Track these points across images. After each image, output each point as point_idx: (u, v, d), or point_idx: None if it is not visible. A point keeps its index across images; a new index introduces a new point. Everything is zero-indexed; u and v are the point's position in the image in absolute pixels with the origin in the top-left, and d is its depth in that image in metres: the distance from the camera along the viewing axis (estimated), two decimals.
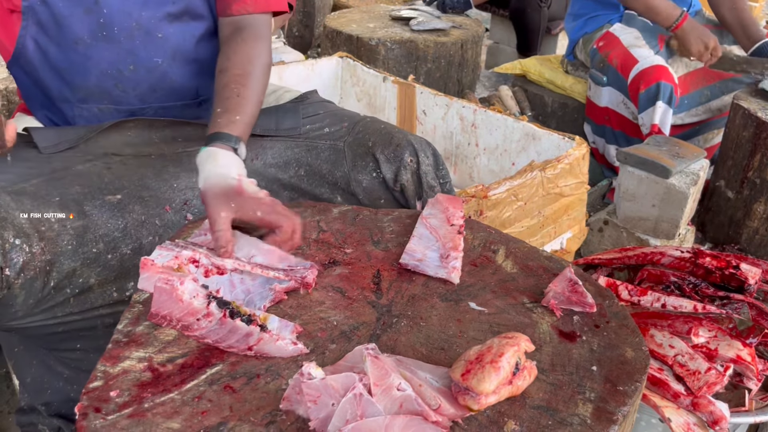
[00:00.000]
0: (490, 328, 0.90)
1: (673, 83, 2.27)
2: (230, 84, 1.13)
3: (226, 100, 1.11)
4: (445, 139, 2.17)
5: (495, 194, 1.52)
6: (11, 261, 0.95)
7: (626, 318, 0.94)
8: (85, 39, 1.15)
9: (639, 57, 2.34)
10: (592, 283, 1.01)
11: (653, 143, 1.95)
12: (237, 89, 1.12)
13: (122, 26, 1.16)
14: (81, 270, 1.03)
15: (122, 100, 1.21)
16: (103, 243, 1.04)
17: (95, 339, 1.10)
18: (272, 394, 0.77)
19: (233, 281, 0.92)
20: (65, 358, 1.15)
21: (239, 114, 1.09)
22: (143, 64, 1.20)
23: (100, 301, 1.06)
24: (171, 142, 1.23)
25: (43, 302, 1.00)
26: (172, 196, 1.13)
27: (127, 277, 1.08)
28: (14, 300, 0.97)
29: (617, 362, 0.85)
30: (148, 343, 0.82)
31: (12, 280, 0.95)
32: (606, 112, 2.54)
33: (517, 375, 0.77)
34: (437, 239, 1.05)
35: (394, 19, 3.12)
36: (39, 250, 0.98)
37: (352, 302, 0.94)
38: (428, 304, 0.94)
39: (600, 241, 2.07)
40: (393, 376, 0.73)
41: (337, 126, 1.32)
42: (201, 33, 1.25)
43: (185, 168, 1.17)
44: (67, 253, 1.01)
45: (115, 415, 0.71)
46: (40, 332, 1.07)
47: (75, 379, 1.14)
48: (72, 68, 1.16)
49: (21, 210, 0.98)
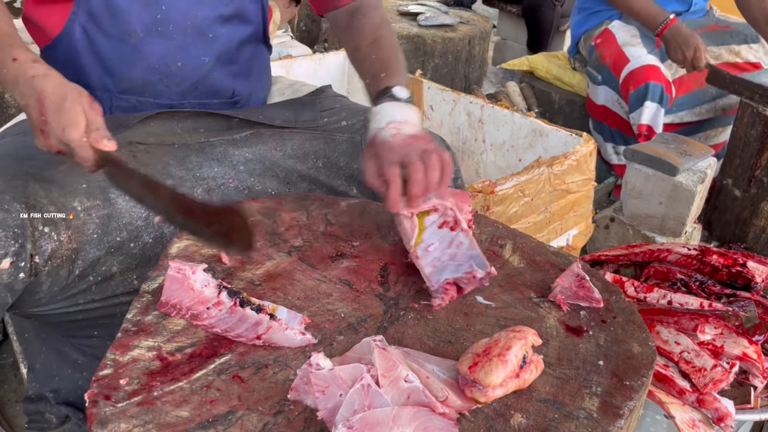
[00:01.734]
0: (497, 322, 0.91)
1: (664, 83, 2.26)
2: (368, 54, 1.22)
3: (369, 68, 1.20)
4: (451, 134, 2.17)
5: (502, 190, 1.52)
6: (40, 248, 0.96)
7: (633, 313, 0.94)
8: (138, 32, 1.15)
9: (631, 56, 2.34)
10: (599, 278, 1.01)
11: (660, 140, 1.94)
12: (374, 54, 1.21)
13: (177, 23, 1.17)
14: (105, 258, 1.04)
15: (163, 95, 1.22)
16: (126, 231, 1.06)
17: (113, 327, 1.09)
18: (280, 384, 0.77)
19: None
20: (82, 345, 1.16)
21: (383, 71, 1.17)
22: (191, 62, 1.21)
23: (120, 289, 1.07)
24: (193, 132, 1.24)
25: (67, 290, 1.02)
26: (194, 185, 1.15)
27: (148, 266, 1.09)
28: (40, 287, 0.99)
29: (624, 357, 0.85)
30: (157, 333, 0.83)
31: (40, 267, 0.96)
32: (603, 110, 2.54)
33: (524, 368, 0.77)
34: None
35: (401, 14, 3.12)
36: (66, 238, 0.99)
37: (360, 295, 0.95)
38: None
39: (606, 238, 2.06)
40: (401, 367, 0.74)
41: (353, 119, 1.33)
42: (246, 36, 1.27)
43: (208, 158, 1.18)
44: (93, 241, 1.03)
45: (124, 403, 0.72)
46: (60, 319, 1.09)
47: (87, 366, 1.15)
48: (119, 60, 1.17)
49: (49, 199, 1.00)
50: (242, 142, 1.25)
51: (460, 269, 0.96)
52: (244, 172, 1.21)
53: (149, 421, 0.70)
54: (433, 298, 0.93)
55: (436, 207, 1.02)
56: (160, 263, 0.95)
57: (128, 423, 0.69)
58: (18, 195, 0.96)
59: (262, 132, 1.28)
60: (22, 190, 0.97)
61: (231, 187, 1.18)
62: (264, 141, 1.27)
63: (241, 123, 1.28)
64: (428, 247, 0.99)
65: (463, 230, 1.00)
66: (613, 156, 2.55)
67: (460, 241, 0.99)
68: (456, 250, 0.99)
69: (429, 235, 1.01)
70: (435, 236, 1.01)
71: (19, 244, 0.93)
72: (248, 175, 1.21)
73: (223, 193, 1.17)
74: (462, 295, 0.95)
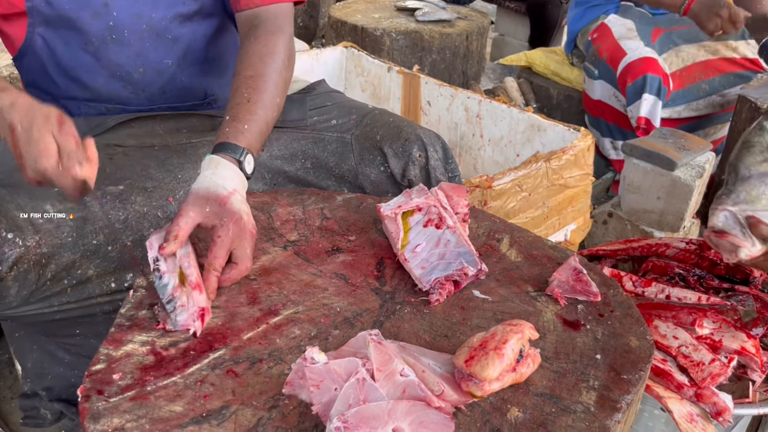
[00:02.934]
0: (494, 316, 0.90)
1: (662, 75, 2.25)
2: (241, 88, 1.06)
3: (236, 106, 1.04)
4: (449, 130, 2.16)
5: (499, 185, 1.52)
6: (3, 255, 0.94)
7: (631, 307, 0.93)
8: (93, 41, 1.13)
9: (628, 49, 2.33)
10: (596, 272, 1.00)
11: (659, 135, 1.94)
12: (248, 94, 1.05)
13: (132, 29, 1.14)
14: (80, 261, 1.02)
15: (131, 101, 1.20)
16: (103, 235, 1.03)
17: (94, 325, 1.10)
18: (275, 378, 0.77)
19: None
20: (65, 344, 1.15)
21: (248, 122, 1.02)
22: (153, 67, 1.18)
23: (97, 291, 1.05)
24: (175, 134, 1.21)
25: (38, 293, 1.00)
26: (175, 186, 1.12)
27: (126, 269, 1.07)
28: (7, 291, 0.96)
29: (621, 351, 0.85)
30: (150, 327, 0.82)
31: (4, 273, 0.94)
32: (599, 105, 2.53)
33: (520, 362, 0.77)
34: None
35: (399, 10, 3.11)
36: (34, 243, 0.97)
37: (356, 289, 0.94)
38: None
39: (604, 233, 2.06)
40: (396, 361, 0.73)
41: (344, 118, 1.29)
42: (212, 32, 1.23)
43: (190, 159, 1.16)
44: (67, 245, 1.00)
45: (117, 398, 0.71)
46: (37, 320, 1.07)
47: (76, 364, 1.14)
48: (81, 68, 1.15)
49: (16, 204, 0.97)
50: None
51: (451, 267, 0.95)
52: None
53: (142, 416, 0.69)
54: (430, 294, 0.92)
55: (419, 206, 1.01)
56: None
57: (121, 418, 0.69)
58: None
59: None
60: None
61: None
62: None
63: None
64: (415, 247, 0.98)
65: (450, 227, 0.99)
66: (611, 151, 2.54)
67: (447, 239, 0.98)
68: (444, 248, 0.98)
69: (415, 236, 1.00)
70: (421, 236, 1.00)
71: None
72: None
73: None
74: (459, 289, 0.94)
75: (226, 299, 0.89)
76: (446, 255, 0.97)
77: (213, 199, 0.91)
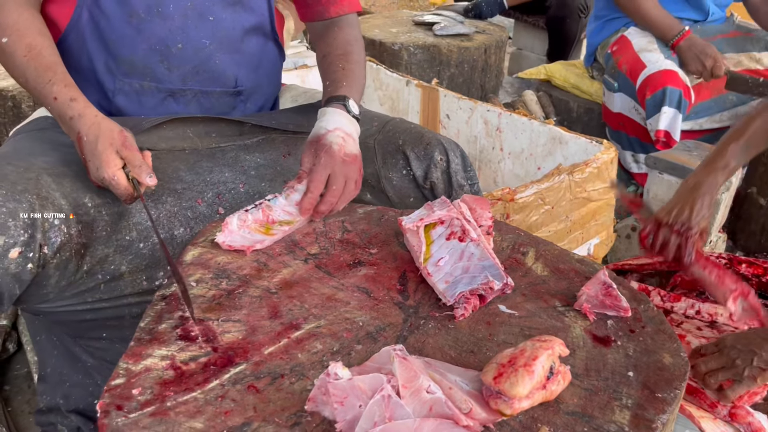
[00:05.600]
0: (521, 332, 0.87)
1: (683, 88, 2.22)
2: (335, 62, 1.27)
3: (333, 74, 1.25)
4: (469, 143, 2.14)
5: (522, 197, 1.49)
6: (50, 240, 0.97)
7: (663, 323, 0.90)
8: (139, 13, 1.15)
9: (647, 62, 2.30)
10: (625, 286, 0.97)
11: (683, 148, 1.90)
12: (341, 64, 1.26)
13: (178, 4, 1.17)
14: (113, 256, 1.05)
15: (165, 78, 1.21)
16: (136, 231, 1.07)
17: (121, 329, 1.11)
18: (297, 394, 0.74)
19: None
20: (90, 347, 1.15)
21: (345, 80, 1.22)
22: (191, 44, 1.20)
23: (129, 289, 1.07)
24: (205, 138, 1.24)
25: (75, 285, 1.02)
26: (204, 189, 1.15)
27: (157, 267, 1.08)
28: (48, 280, 0.99)
29: (654, 368, 0.82)
30: (170, 342, 0.80)
31: (48, 258, 0.97)
32: (620, 117, 2.50)
33: (551, 379, 0.74)
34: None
35: (417, 24, 3.11)
36: (76, 232, 1.00)
37: (378, 303, 0.92)
38: None
39: (627, 247, 2.02)
40: (422, 377, 0.71)
41: (367, 125, 1.32)
42: (250, 26, 1.27)
43: (218, 163, 1.19)
44: (101, 238, 1.03)
45: (137, 414, 0.69)
46: (68, 318, 1.08)
47: (98, 369, 1.15)
48: (121, 41, 1.17)
49: (61, 192, 1.00)
50: (254, 147, 1.25)
51: (475, 281, 0.93)
52: (255, 177, 1.20)
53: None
54: (455, 309, 0.89)
55: (441, 219, 1.00)
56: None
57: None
58: (30, 186, 0.97)
59: (274, 137, 1.28)
60: (34, 182, 0.98)
61: (242, 192, 1.18)
62: (276, 146, 1.26)
63: (253, 128, 1.27)
64: (438, 261, 0.96)
65: (473, 240, 0.97)
66: (633, 164, 2.51)
67: (471, 252, 0.96)
68: (468, 262, 0.96)
69: (438, 249, 0.98)
70: (444, 249, 0.98)
71: (28, 235, 0.94)
72: (259, 180, 1.20)
73: (233, 197, 1.17)
74: (484, 304, 0.92)
75: (247, 312, 0.87)
76: (470, 268, 0.95)
77: (315, 140, 1.12)
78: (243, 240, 1.00)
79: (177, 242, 1.10)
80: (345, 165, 1.09)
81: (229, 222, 1.01)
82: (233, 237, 1.00)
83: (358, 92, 1.24)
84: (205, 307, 0.87)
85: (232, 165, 1.20)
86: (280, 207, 1.07)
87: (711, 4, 2.50)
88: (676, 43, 2.31)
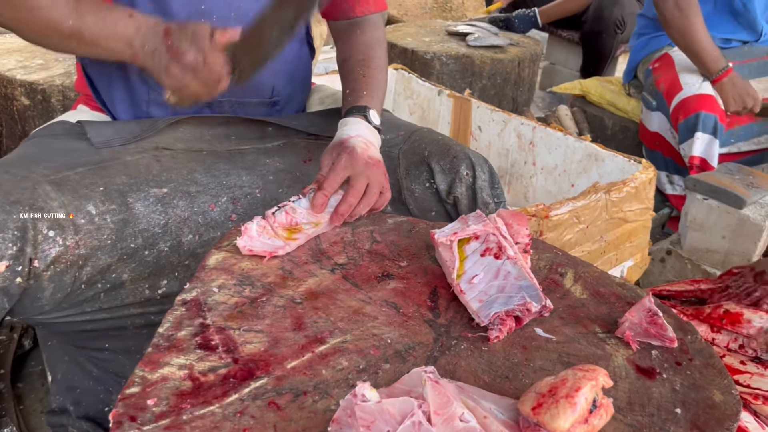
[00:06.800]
0: (559, 358, 0.82)
1: (718, 113, 2.15)
2: (355, 67, 1.25)
3: (353, 81, 1.23)
4: (500, 156, 2.09)
5: (557, 215, 1.44)
6: (42, 252, 0.92)
7: (712, 356, 0.84)
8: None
9: (684, 84, 2.24)
10: (671, 315, 0.92)
11: (725, 171, 1.83)
12: (362, 71, 1.24)
13: (221, 15, 1.14)
14: (116, 265, 1.00)
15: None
16: (141, 238, 1.02)
17: (124, 339, 1.07)
18: (320, 414, 0.70)
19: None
20: (94, 357, 1.12)
21: (366, 89, 1.21)
22: None
23: (131, 298, 1.03)
24: (223, 139, 1.20)
25: (72, 297, 0.97)
26: (219, 192, 1.10)
27: (161, 275, 1.04)
28: (42, 293, 0.94)
29: (704, 406, 0.76)
30: (189, 350, 0.76)
31: (40, 271, 0.92)
32: (656, 137, 2.43)
33: (593, 413, 0.69)
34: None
35: (450, 34, 3.07)
36: (73, 243, 0.95)
37: (408, 319, 0.87)
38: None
39: (661, 272, 1.95)
40: (455, 404, 0.66)
41: (393, 134, 1.27)
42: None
43: (236, 166, 1.14)
44: (106, 247, 0.98)
45: (151, 426, 0.65)
46: (68, 329, 1.04)
47: (104, 380, 1.11)
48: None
49: (60, 201, 0.95)
50: (274, 151, 1.21)
51: (512, 301, 0.87)
52: (273, 182, 1.16)
53: None
54: (489, 330, 0.84)
55: (476, 234, 0.94)
56: (197, 275, 0.89)
57: None
58: (24, 197, 0.92)
59: (296, 142, 1.24)
60: (30, 192, 0.93)
61: (258, 198, 1.13)
62: (297, 151, 1.22)
63: (274, 131, 1.23)
64: (472, 278, 0.91)
65: (510, 258, 0.92)
66: (668, 185, 2.43)
67: (507, 270, 0.91)
68: (504, 281, 0.90)
69: (471, 265, 0.93)
70: (479, 266, 0.93)
71: (17, 248, 0.89)
72: (277, 186, 1.16)
73: (249, 203, 1.13)
74: (520, 326, 0.87)
75: (270, 323, 0.83)
76: (506, 288, 0.89)
77: (337, 144, 1.10)
78: (264, 246, 0.96)
79: (184, 249, 1.05)
80: (368, 167, 1.07)
81: (249, 226, 0.97)
82: (254, 242, 0.96)
83: (379, 100, 1.22)
84: (227, 315, 0.83)
85: (251, 168, 1.16)
86: (304, 209, 1.03)
87: (765, 24, 2.42)
88: (717, 80, 2.24)
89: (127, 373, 1.10)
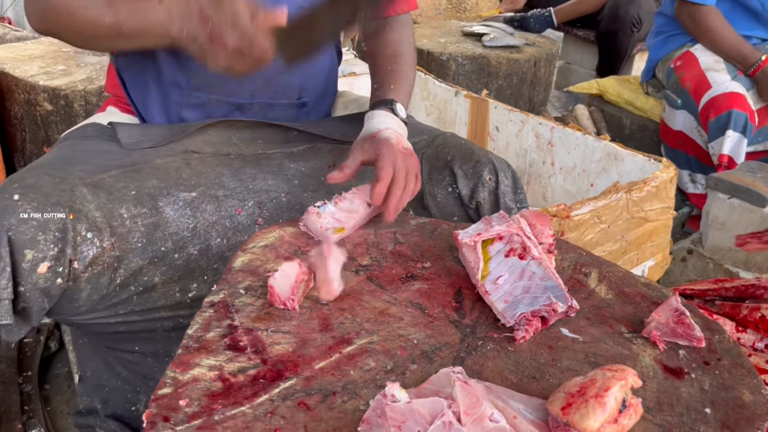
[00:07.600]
0: (586, 358, 0.82)
1: (749, 111, 2.13)
2: (383, 63, 1.26)
3: (381, 76, 1.25)
4: (518, 156, 2.09)
5: (578, 215, 1.43)
6: (81, 254, 0.93)
7: (740, 356, 0.84)
8: None
9: (713, 82, 2.21)
10: (698, 314, 0.91)
11: (747, 169, 1.81)
12: (390, 66, 1.25)
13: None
14: (147, 268, 1.01)
15: (234, 93, 1.20)
16: (171, 241, 1.03)
17: (153, 342, 1.08)
18: (350, 414, 0.70)
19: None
20: (123, 358, 1.13)
21: (393, 83, 1.22)
22: None
23: (162, 301, 1.04)
24: (251, 143, 1.21)
25: (107, 299, 0.99)
26: (246, 196, 1.11)
27: (191, 278, 1.05)
28: (79, 294, 0.96)
29: (734, 405, 0.75)
30: (218, 351, 0.77)
31: (79, 272, 0.94)
32: (680, 136, 2.41)
33: (623, 413, 0.68)
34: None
35: (465, 35, 3.07)
36: (109, 245, 0.97)
37: (433, 320, 0.87)
38: None
39: (682, 271, 1.93)
40: (485, 404, 0.66)
41: (416, 138, 1.27)
42: None
43: (263, 170, 1.16)
44: (137, 250, 1.00)
45: (183, 426, 0.66)
46: (100, 330, 1.06)
47: (132, 380, 1.13)
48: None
49: (96, 204, 0.97)
50: (299, 155, 1.22)
51: (537, 302, 0.87)
52: (298, 186, 1.17)
53: None
54: (515, 331, 0.84)
55: (500, 234, 0.95)
56: (224, 277, 0.90)
57: None
58: (63, 199, 0.93)
59: (321, 147, 1.25)
60: (69, 194, 0.95)
61: (283, 202, 1.14)
62: (321, 156, 1.23)
63: (299, 136, 1.24)
64: (497, 279, 0.91)
65: (535, 258, 0.92)
66: (689, 184, 2.41)
67: (532, 271, 0.91)
68: (529, 281, 0.90)
69: (496, 266, 0.93)
70: (503, 266, 0.93)
71: (58, 249, 0.91)
72: (302, 190, 1.17)
73: (274, 207, 1.14)
74: (546, 326, 0.87)
75: (297, 324, 0.84)
76: (532, 288, 0.90)
77: (368, 137, 1.11)
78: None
79: (213, 253, 1.07)
80: (405, 158, 1.08)
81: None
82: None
83: (406, 94, 1.23)
84: (254, 317, 0.84)
85: (276, 173, 1.17)
86: (329, 214, 1.04)
87: None
88: (757, 69, 2.23)
89: (155, 375, 1.11)
